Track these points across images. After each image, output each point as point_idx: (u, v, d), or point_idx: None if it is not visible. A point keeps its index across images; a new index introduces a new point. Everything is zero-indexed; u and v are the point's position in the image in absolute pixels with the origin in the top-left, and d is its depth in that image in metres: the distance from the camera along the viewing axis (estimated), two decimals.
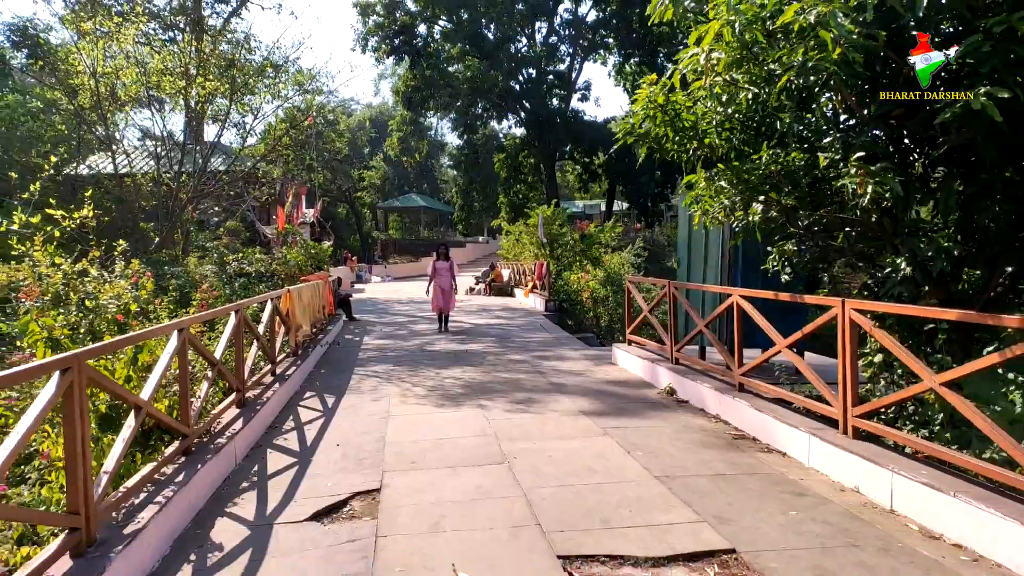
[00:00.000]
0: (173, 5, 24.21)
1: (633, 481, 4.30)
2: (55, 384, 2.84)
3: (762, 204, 5.57)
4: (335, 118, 38.62)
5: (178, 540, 3.58)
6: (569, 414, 6.14)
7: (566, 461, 4.73)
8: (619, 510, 3.81)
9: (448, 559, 3.25)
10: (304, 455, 5.08)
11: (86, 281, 5.31)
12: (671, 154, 5.91)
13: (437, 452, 5.05)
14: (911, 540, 3.39)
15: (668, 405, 6.47)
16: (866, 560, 3.17)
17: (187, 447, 4.29)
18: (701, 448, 5.04)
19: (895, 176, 4.36)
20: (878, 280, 5.64)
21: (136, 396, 3.63)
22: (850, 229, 5.48)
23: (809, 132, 5.21)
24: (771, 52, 4.23)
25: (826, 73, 4.01)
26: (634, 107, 5.72)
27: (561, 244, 17.82)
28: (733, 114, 5.27)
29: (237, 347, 5.71)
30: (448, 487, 4.28)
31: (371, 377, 8.17)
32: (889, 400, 4.11)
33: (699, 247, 8.49)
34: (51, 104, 13.76)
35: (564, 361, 9.12)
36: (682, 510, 3.79)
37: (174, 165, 13.53)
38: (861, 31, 3.86)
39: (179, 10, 24.09)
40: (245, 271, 11.58)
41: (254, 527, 3.73)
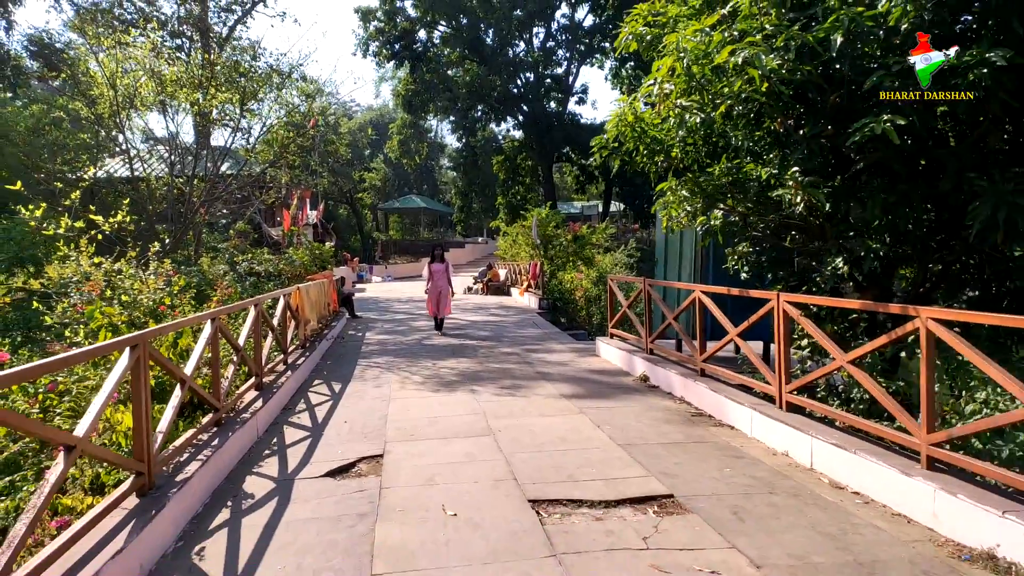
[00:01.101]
0: (180, 14, 25.00)
1: (598, 448, 5.04)
2: (127, 357, 3.58)
3: (721, 210, 6.33)
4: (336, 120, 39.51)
5: (216, 492, 4.32)
6: (551, 397, 6.88)
7: (543, 433, 5.48)
8: (583, 468, 4.55)
9: (439, 503, 4.00)
10: (316, 430, 5.82)
11: (123, 278, 6.05)
12: (641, 165, 6.66)
13: (432, 427, 5.79)
14: (819, 489, 4.14)
15: (640, 390, 7.22)
16: (777, 502, 3.92)
17: (218, 419, 5.04)
18: (662, 423, 5.78)
19: (822, 188, 5.13)
20: (822, 276, 6.43)
21: (182, 371, 4.37)
22: (795, 232, 6.23)
23: (758, 148, 5.96)
24: (715, 84, 4.97)
25: (758, 102, 4.75)
26: (608, 124, 6.47)
27: (555, 245, 18.55)
28: (691, 132, 6.01)
29: (256, 337, 6.46)
30: (441, 453, 5.02)
31: (373, 367, 8.92)
32: (810, 377, 4.86)
33: (675, 248, 9.25)
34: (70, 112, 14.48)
35: (552, 353, 9.87)
36: (635, 468, 4.53)
37: (186, 170, 14.28)
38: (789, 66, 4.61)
39: (186, 18, 24.85)
40: (255, 271, 12.32)
41: (278, 482, 4.48)
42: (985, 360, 3.32)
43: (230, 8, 25.93)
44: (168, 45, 22.27)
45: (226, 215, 17.76)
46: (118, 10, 24.86)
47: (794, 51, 4.53)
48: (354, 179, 48.61)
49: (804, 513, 3.75)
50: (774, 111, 5.08)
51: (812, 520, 3.65)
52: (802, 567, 3.09)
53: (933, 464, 3.70)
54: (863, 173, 5.38)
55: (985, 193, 4.44)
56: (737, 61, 4.38)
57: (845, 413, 4.53)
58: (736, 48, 4.43)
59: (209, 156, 14.71)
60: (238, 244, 13.56)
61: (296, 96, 17.26)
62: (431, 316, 12.64)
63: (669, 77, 5.09)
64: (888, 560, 3.16)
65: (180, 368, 4.40)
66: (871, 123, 4.31)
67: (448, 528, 3.63)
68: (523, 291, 18.72)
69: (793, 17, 4.83)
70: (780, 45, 4.52)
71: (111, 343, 3.57)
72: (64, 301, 6.23)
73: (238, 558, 3.35)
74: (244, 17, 26.68)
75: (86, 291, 5.44)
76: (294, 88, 17.35)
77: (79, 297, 5.54)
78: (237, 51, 24.84)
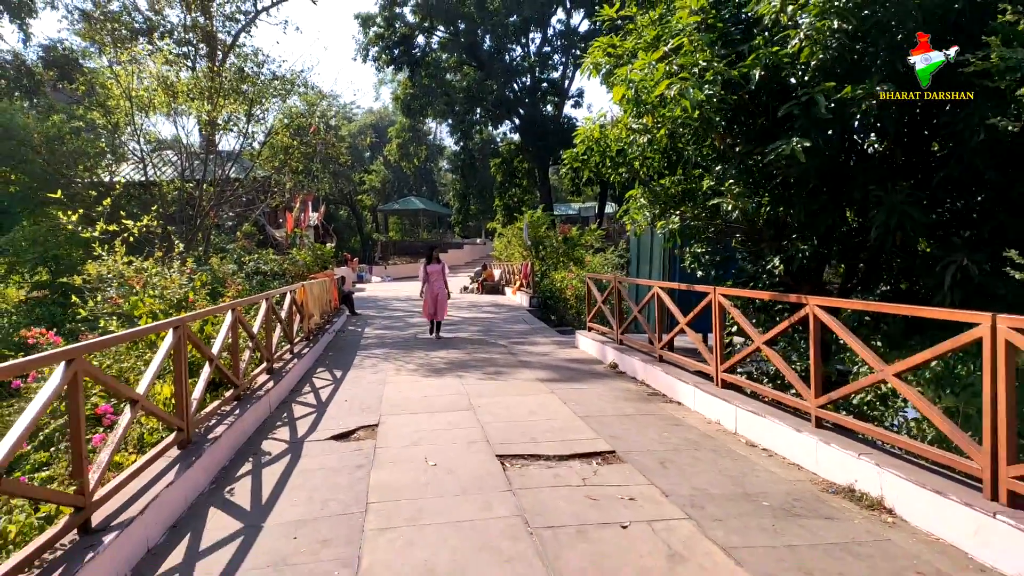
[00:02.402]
0: (187, 22, 25.87)
1: (560, 419, 5.92)
2: (171, 336, 4.47)
3: (677, 216, 7.22)
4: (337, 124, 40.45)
5: (239, 451, 5.20)
6: (527, 381, 7.77)
7: (516, 408, 6.36)
8: (544, 433, 5.44)
9: (423, 456, 4.88)
10: (320, 406, 6.70)
11: (151, 275, 6.93)
12: (606, 176, 7.54)
13: (421, 404, 6.68)
14: (736, 447, 5.02)
15: (608, 375, 8.10)
16: (699, 456, 4.80)
17: (238, 394, 5.93)
18: (621, 401, 6.66)
19: (753, 198, 6.03)
20: (768, 274, 7.32)
21: (210, 351, 5.26)
22: (739, 235, 7.12)
23: (706, 162, 6.84)
24: (660, 110, 5.85)
25: (693, 126, 5.65)
26: (576, 140, 7.35)
27: (546, 246, 19.44)
28: (648, 147, 6.90)
29: (267, 327, 7.34)
30: (427, 423, 5.90)
31: (371, 357, 9.80)
32: (737, 358, 5.75)
33: (647, 249, 10.14)
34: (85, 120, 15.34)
35: (535, 346, 10.75)
36: (588, 433, 5.42)
37: (195, 174, 15.17)
38: (718, 96, 5.49)
39: (192, 27, 25.72)
40: (261, 270, 13.21)
41: (291, 443, 5.36)
42: (851, 336, 4.21)
43: (234, 17, 26.80)
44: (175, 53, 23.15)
45: (232, 217, 18.67)
46: (126, 18, 25.79)
47: (720, 84, 5.42)
48: (354, 181, 49.53)
49: (717, 463, 4.64)
50: (711, 132, 5.96)
51: (721, 467, 4.53)
52: (699, 495, 3.98)
53: (820, 423, 4.59)
54: (792, 184, 6.26)
55: (881, 202, 5.33)
56: (672, 93, 5.26)
57: (762, 387, 5.43)
58: (671, 82, 5.31)
59: (216, 161, 15.61)
60: (245, 245, 14.44)
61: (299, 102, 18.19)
62: (426, 318, 12.21)
63: (622, 103, 5.98)
64: (769, 492, 4.04)
65: (209, 349, 5.28)
66: (783, 144, 5.19)
67: (429, 473, 4.51)
68: (515, 290, 19.60)
69: (724, 53, 5.70)
70: (710, 79, 5.41)
71: (161, 323, 4.47)
72: (98, 296, 7.14)
73: (262, 493, 4.23)
74: (248, 26, 27.58)
75: (130, 285, 6.32)
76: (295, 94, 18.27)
77: (116, 291, 6.42)
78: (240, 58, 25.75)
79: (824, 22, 5.03)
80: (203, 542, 3.55)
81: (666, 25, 6.13)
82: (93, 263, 6.77)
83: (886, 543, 3.32)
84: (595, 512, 3.78)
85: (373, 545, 3.42)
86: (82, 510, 3.14)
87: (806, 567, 3.09)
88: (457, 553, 3.31)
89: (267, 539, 3.54)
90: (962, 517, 3.22)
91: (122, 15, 25.24)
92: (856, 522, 3.58)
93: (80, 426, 3.17)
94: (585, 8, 39.21)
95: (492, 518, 3.73)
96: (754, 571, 3.05)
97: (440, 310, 11.83)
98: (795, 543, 3.33)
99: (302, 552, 3.37)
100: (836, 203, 6.12)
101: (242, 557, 3.33)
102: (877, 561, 3.14)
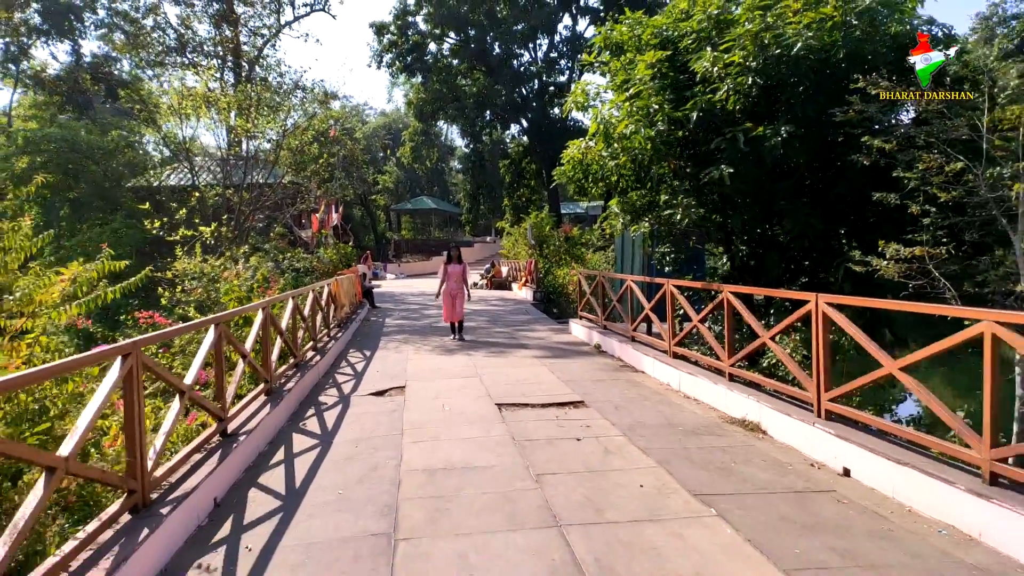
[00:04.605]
0: (215, 36, 27.75)
1: (548, 383, 7.61)
2: (260, 315, 6.19)
3: (647, 222, 8.87)
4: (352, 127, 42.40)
5: (302, 401, 6.93)
6: (525, 357, 9.46)
7: (514, 375, 8.06)
8: (534, 391, 7.13)
9: (440, 405, 6.59)
10: (358, 376, 8.43)
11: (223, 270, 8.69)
12: (588, 190, 9.21)
13: (438, 373, 8.39)
14: (675, 398, 6.69)
15: (592, 353, 9.77)
16: (645, 404, 6.47)
17: (296, 363, 7.66)
18: (597, 371, 8.34)
19: (698, 210, 7.67)
20: (722, 270, 8.95)
21: (281, 327, 6.99)
22: (695, 238, 8.76)
23: (667, 179, 8.48)
24: (623, 141, 7.51)
25: (649, 154, 7.32)
26: (563, 159, 9.03)
27: (549, 245, 21.10)
28: (620, 166, 8.55)
29: (312, 314, 9.09)
30: (443, 385, 7.61)
31: (393, 341, 11.53)
32: (682, 335, 7.40)
33: (630, 249, 11.77)
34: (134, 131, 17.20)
35: (534, 332, 12.44)
36: (567, 391, 7.10)
37: (228, 180, 17.02)
38: (665, 132, 7.14)
39: (220, 40, 27.61)
40: (294, 267, 15.00)
41: (340, 397, 7.10)
42: (748, 312, 5.85)
43: (259, 32, 28.65)
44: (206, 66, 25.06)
45: (262, 219, 20.55)
46: (158, 33, 27.75)
47: (667, 123, 7.08)
48: (368, 182, 51.44)
49: (657, 408, 6.31)
50: (664, 158, 7.61)
51: (659, 410, 6.21)
52: (637, 425, 5.65)
53: (731, 377, 6.24)
54: (727, 199, 7.89)
55: (789, 214, 6.97)
56: (629, 131, 6.93)
57: (700, 355, 7.09)
58: (628, 122, 6.98)
59: (254, 167, 17.46)
60: (279, 245, 16.25)
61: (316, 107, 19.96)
62: (446, 321, 11.67)
63: (596, 137, 7.65)
64: (686, 423, 5.71)
65: (280, 326, 7.02)
66: (714, 170, 6.84)
67: (445, 414, 6.23)
68: (521, 286, 21.28)
69: (672, 98, 7.34)
70: (659, 119, 7.07)
71: (255, 304, 6.22)
72: (177, 287, 8.92)
73: (327, 424, 5.97)
74: (272, 39, 29.41)
75: (225, 277, 8.10)
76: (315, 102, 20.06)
77: (199, 283, 8.19)
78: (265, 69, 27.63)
79: (742, 78, 6.66)
80: (294, 448, 5.28)
81: (632, 69, 7.79)
82: (181, 260, 8.56)
83: (750, 447, 4.99)
84: (560, 432, 5.47)
85: (409, 451, 5.13)
86: (222, 420, 4.88)
87: (691, 456, 4.76)
88: (466, 453, 5.01)
89: (337, 448, 5.26)
90: (799, 429, 4.88)
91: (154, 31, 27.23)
92: (737, 437, 5.25)
93: (221, 364, 4.91)
94: (591, 15, 40.84)
95: (489, 437, 5.43)
96: (656, 458, 4.72)
97: (459, 310, 11.24)
98: (689, 446, 5.01)
99: (363, 454, 5.09)
100: (764, 214, 7.76)
101: (323, 456, 5.06)
102: (738, 453, 4.81)
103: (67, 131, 15.20)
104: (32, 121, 16.63)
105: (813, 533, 3.47)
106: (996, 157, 5.22)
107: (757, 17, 6.64)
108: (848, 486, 4.16)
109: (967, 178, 5.12)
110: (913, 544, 3.33)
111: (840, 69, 6.60)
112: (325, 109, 19.22)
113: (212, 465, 4.26)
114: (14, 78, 22.42)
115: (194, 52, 26.76)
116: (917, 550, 3.26)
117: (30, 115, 20.22)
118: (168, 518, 3.43)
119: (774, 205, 7.42)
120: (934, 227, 5.42)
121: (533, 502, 3.99)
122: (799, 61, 6.42)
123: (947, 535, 3.42)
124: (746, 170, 7.01)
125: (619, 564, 3.18)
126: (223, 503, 4.15)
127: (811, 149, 6.85)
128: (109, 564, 2.89)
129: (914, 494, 3.76)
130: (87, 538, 3.01)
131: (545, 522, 3.70)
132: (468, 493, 4.17)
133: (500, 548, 3.39)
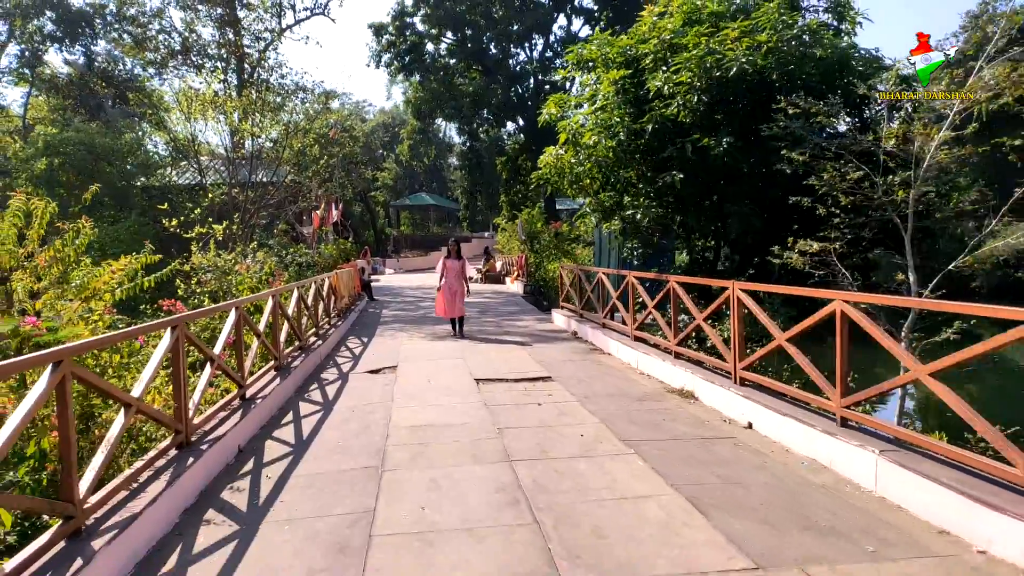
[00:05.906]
0: (219, 39, 28.68)
1: (524, 363, 8.61)
2: (270, 301, 7.18)
3: (618, 220, 9.87)
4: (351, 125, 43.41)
5: (306, 377, 7.93)
6: (507, 343, 10.46)
7: (494, 356, 9.06)
8: (510, 369, 8.14)
9: (427, 380, 7.60)
10: (356, 358, 9.44)
11: (234, 263, 9.68)
12: (564, 191, 10.20)
13: (427, 355, 9.40)
14: (631, 374, 7.70)
15: (569, 339, 10.77)
16: (605, 379, 7.47)
17: (301, 346, 8.66)
18: (571, 353, 9.34)
19: (658, 210, 8.66)
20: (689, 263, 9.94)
21: (288, 314, 7.98)
22: (659, 234, 9.76)
23: (633, 181, 9.47)
24: (589, 149, 8.49)
25: (611, 161, 8.30)
26: (540, 163, 10.01)
27: (539, 240, 22.08)
28: (590, 170, 9.54)
29: (315, 303, 10.08)
30: (432, 366, 8.62)
31: (390, 329, 12.54)
32: (641, 319, 8.40)
33: (605, 244, 12.76)
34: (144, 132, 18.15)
35: (520, 321, 13.45)
36: (539, 369, 8.11)
37: (239, 179, 18.00)
38: (626, 141, 8.12)
39: (223, 43, 28.53)
40: (297, 261, 15.99)
41: (340, 375, 8.10)
42: (687, 297, 6.85)
43: (261, 36, 29.57)
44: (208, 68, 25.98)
45: (265, 216, 21.53)
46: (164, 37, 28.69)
47: (627, 133, 8.07)
48: (367, 178, 52.43)
49: (613, 382, 7.31)
50: (626, 164, 8.60)
51: (615, 383, 7.21)
52: (592, 394, 6.66)
53: (676, 355, 7.25)
54: (683, 200, 8.88)
55: (734, 214, 7.96)
56: (592, 141, 7.91)
57: (656, 337, 8.09)
58: (592, 132, 7.96)
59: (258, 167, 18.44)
60: (282, 240, 17.24)
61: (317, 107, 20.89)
62: (442, 315, 11.35)
63: (566, 146, 8.64)
64: (634, 392, 6.72)
65: (287, 312, 8.02)
66: (667, 175, 7.84)
67: (430, 386, 7.24)
68: (513, 279, 22.27)
69: (633, 111, 8.32)
70: (619, 131, 8.05)
71: (266, 292, 7.21)
72: (193, 279, 9.91)
73: (328, 394, 6.98)
74: (273, 42, 30.33)
75: (237, 270, 9.08)
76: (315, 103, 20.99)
77: (212, 275, 9.18)
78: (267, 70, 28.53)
79: (690, 96, 7.65)
80: (301, 412, 6.29)
81: (599, 84, 8.77)
82: (196, 255, 9.55)
83: (681, 409, 6.00)
84: (526, 399, 6.49)
85: (397, 414, 6.13)
86: (242, 387, 5.89)
87: (631, 417, 5.76)
88: (444, 415, 6.02)
89: (337, 412, 6.27)
90: (720, 393, 5.88)
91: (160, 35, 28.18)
92: (673, 401, 6.26)
93: (241, 341, 5.91)
94: (585, 15, 41.78)
95: (465, 403, 6.44)
96: (600, 416, 5.73)
97: (456, 307, 10.96)
98: (631, 409, 6.02)
99: (358, 416, 6.10)
100: (716, 214, 8.75)
101: (325, 418, 6.07)
102: (669, 413, 5.81)
103: (83, 134, 16.18)
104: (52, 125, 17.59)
105: (705, 465, 4.48)
106: (891, 167, 6.20)
107: (703, 42, 7.62)
108: (747, 435, 5.17)
109: (864, 185, 6.10)
110: (778, 470, 4.34)
111: (774, 88, 7.58)
112: (325, 110, 20.16)
113: (235, 420, 5.26)
114: (29, 82, 23.38)
115: (199, 55, 27.73)
116: (780, 474, 4.27)
117: (48, 119, 21.17)
118: (206, 453, 4.44)
119: (724, 207, 8.41)
120: (842, 226, 6.41)
121: (493, 447, 5.00)
122: (736, 82, 7.40)
123: (807, 465, 4.43)
124: (696, 176, 8.01)
125: (551, 483, 4.19)
126: (245, 449, 5.16)
127: (749, 158, 7.83)
128: (166, 478, 3.90)
129: (792, 437, 4.77)
130: (148, 462, 4.02)
131: (500, 459, 4.71)
132: (443, 441, 5.19)
133: (462, 476, 4.40)
